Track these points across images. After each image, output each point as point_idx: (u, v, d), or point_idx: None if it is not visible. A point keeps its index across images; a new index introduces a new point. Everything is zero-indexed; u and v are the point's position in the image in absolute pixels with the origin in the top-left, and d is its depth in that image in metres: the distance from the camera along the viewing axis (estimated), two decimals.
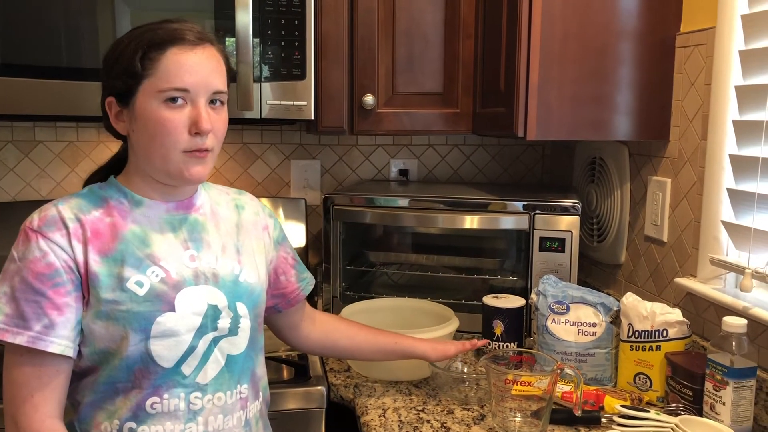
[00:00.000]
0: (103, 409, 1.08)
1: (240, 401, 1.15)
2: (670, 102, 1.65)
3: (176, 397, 1.09)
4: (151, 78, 1.05)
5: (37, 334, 1.02)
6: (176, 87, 1.06)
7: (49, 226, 1.05)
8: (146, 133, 1.07)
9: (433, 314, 1.74)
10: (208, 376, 1.11)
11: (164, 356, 1.07)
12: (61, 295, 1.03)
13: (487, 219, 1.80)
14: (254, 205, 1.30)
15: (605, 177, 1.94)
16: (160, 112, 1.06)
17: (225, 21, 1.73)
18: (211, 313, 1.11)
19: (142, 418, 1.07)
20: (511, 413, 1.33)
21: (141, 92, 1.06)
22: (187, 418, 1.09)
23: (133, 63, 1.05)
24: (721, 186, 1.46)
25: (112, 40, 1.78)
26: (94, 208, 1.10)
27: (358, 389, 1.56)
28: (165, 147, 1.07)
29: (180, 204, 1.16)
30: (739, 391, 1.25)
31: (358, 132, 1.92)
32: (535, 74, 1.58)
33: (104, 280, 1.05)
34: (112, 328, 1.05)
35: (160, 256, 1.10)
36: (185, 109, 1.07)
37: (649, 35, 1.61)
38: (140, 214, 1.12)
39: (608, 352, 1.55)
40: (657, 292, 1.71)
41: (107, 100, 1.10)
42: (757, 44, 1.36)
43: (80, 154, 2.13)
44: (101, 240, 1.07)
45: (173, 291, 1.08)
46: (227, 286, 1.14)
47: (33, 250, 1.04)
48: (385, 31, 1.87)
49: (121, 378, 1.07)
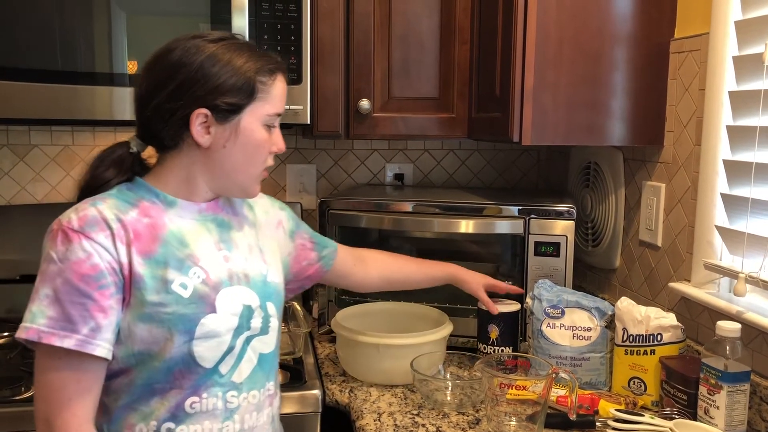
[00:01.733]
0: (138, 410, 1.08)
1: (268, 398, 1.19)
2: (664, 107, 1.65)
3: (214, 396, 1.10)
4: (261, 102, 1.11)
5: (84, 337, 1.00)
6: (278, 113, 1.14)
7: (92, 226, 1.03)
8: (243, 152, 1.12)
9: (428, 318, 1.74)
10: (242, 374, 1.13)
11: (206, 357, 1.08)
12: (106, 298, 1.02)
13: (482, 223, 1.80)
14: (263, 203, 1.32)
15: (600, 182, 1.95)
16: (262, 134, 1.12)
17: (221, 25, 1.73)
18: (246, 313, 1.13)
19: (181, 418, 1.08)
20: (506, 417, 1.33)
21: (248, 112, 1.10)
22: (224, 417, 1.11)
23: (251, 83, 1.09)
24: (715, 191, 1.47)
25: (108, 44, 1.80)
26: (130, 208, 1.09)
27: (353, 393, 1.56)
28: (255, 165, 1.14)
29: (209, 205, 1.17)
30: (733, 395, 1.26)
31: (353, 136, 1.92)
32: (530, 79, 1.58)
33: (149, 282, 1.05)
34: (156, 330, 1.05)
35: (199, 257, 1.11)
36: (272, 131, 1.15)
37: (643, 41, 1.62)
38: (174, 215, 1.12)
39: (603, 357, 1.56)
40: (651, 297, 1.72)
41: (198, 111, 1.07)
42: (750, 50, 1.37)
43: (75, 158, 2.13)
44: (142, 241, 1.06)
45: (213, 292, 1.10)
46: (258, 286, 1.17)
47: (76, 251, 1.01)
48: (381, 36, 1.88)
49: (159, 379, 1.07)
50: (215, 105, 1.07)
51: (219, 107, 1.08)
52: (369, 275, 1.54)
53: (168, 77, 1.07)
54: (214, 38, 1.10)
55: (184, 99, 1.07)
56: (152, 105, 1.08)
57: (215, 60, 1.07)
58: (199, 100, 1.07)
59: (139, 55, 1.75)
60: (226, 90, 1.07)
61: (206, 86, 1.07)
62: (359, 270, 1.52)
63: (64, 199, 2.12)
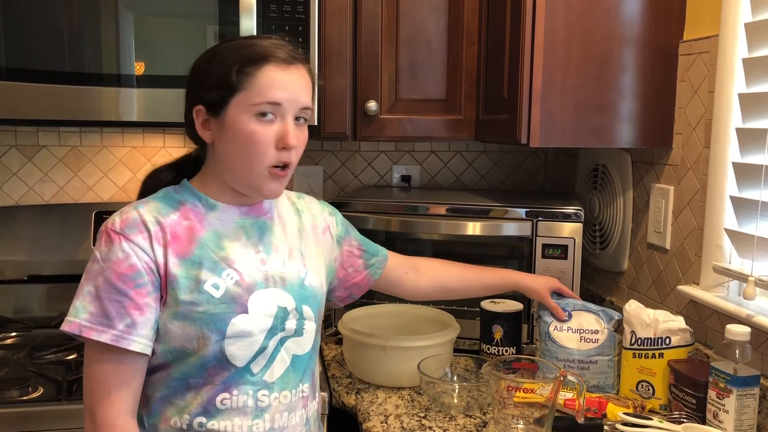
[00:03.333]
0: (174, 404, 1.11)
1: (302, 400, 1.19)
2: (673, 109, 1.65)
3: (245, 394, 1.12)
4: (245, 92, 1.09)
5: (120, 332, 1.05)
6: (268, 101, 1.09)
7: (131, 228, 1.09)
8: (234, 145, 1.11)
9: (434, 320, 1.73)
10: (274, 374, 1.14)
11: (238, 356, 1.11)
12: (143, 296, 1.07)
13: (489, 225, 1.80)
14: (313, 208, 1.33)
15: (608, 184, 1.94)
16: (250, 126, 1.10)
17: (229, 27, 1.73)
18: (281, 314, 1.15)
19: (212, 414, 1.11)
20: (513, 420, 1.33)
21: (233, 104, 1.10)
22: (254, 415, 1.13)
23: (229, 76, 1.09)
24: (724, 194, 1.46)
25: (116, 45, 1.81)
26: (172, 211, 1.13)
27: (360, 395, 1.56)
28: (251, 160, 1.11)
29: (251, 209, 1.19)
30: (743, 399, 1.25)
31: (361, 138, 1.92)
32: (539, 81, 1.58)
33: (182, 282, 1.09)
34: (189, 328, 1.09)
35: (234, 259, 1.13)
36: (274, 124, 1.11)
37: (652, 42, 1.61)
38: (214, 218, 1.16)
39: (611, 360, 1.55)
40: (660, 300, 1.71)
41: (196, 108, 1.13)
42: (760, 52, 1.36)
43: (83, 159, 2.13)
44: (180, 243, 1.11)
45: (246, 293, 1.12)
46: (294, 289, 1.18)
47: (116, 252, 1.07)
48: (389, 38, 1.88)
49: (193, 375, 1.11)
50: (206, 100, 1.11)
51: (208, 101, 1.11)
52: (421, 283, 1.50)
53: (189, 81, 1.16)
54: (232, 38, 1.14)
55: (190, 98, 1.15)
56: (185, 109, 1.16)
57: (210, 57, 1.13)
58: (197, 98, 1.13)
59: (146, 56, 1.75)
60: (211, 83, 1.11)
61: (200, 83, 1.13)
62: (411, 278, 1.49)
63: (72, 199, 2.13)
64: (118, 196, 2.16)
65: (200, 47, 1.78)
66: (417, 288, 1.50)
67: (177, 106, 1.77)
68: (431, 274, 1.51)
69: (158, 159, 2.17)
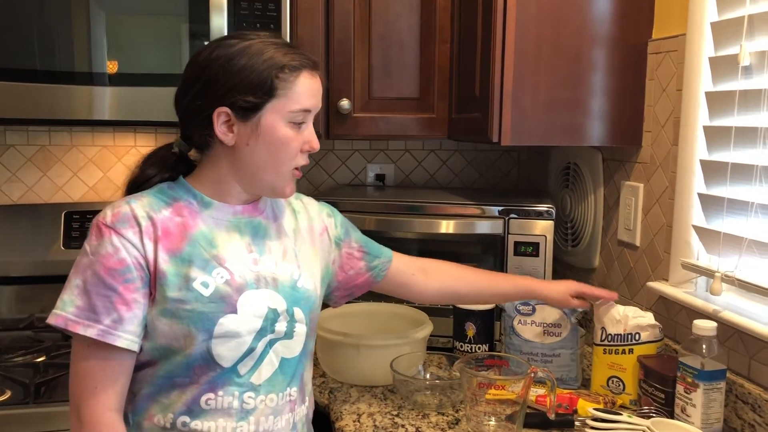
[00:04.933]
0: (159, 402, 1.10)
1: (289, 403, 1.17)
2: (642, 108, 1.66)
3: (230, 395, 1.11)
4: (283, 99, 1.09)
5: (106, 327, 1.05)
6: (304, 109, 1.12)
7: (123, 222, 1.08)
8: (267, 149, 1.11)
9: (408, 319, 1.74)
10: (262, 377, 1.13)
11: (225, 356, 1.09)
12: (131, 291, 1.06)
13: (462, 224, 1.81)
14: (311, 209, 1.31)
15: (579, 182, 1.95)
16: (286, 132, 1.11)
17: (200, 25, 1.73)
18: (271, 316, 1.13)
19: (196, 413, 1.10)
20: (485, 417, 1.34)
21: (269, 110, 1.09)
22: (239, 417, 1.11)
23: (266, 81, 1.08)
24: (692, 191, 1.48)
25: (87, 43, 1.78)
26: (165, 207, 1.12)
27: (333, 394, 1.56)
28: (282, 164, 1.12)
29: (246, 208, 1.18)
30: (710, 393, 1.27)
31: (334, 136, 1.92)
32: (510, 79, 1.59)
33: (171, 279, 1.07)
34: (176, 326, 1.07)
35: (226, 258, 1.12)
36: (303, 129, 1.13)
37: (621, 41, 1.63)
38: (208, 216, 1.14)
39: (574, 353, 1.57)
40: (630, 296, 1.73)
41: (219, 110, 1.09)
42: (726, 51, 1.38)
43: (52, 158, 2.10)
44: (171, 239, 1.09)
45: (236, 293, 1.11)
46: (286, 290, 1.16)
47: (106, 246, 1.06)
48: (361, 36, 1.88)
49: (179, 373, 1.09)
50: (235, 103, 1.09)
51: (239, 105, 1.09)
52: (429, 287, 1.44)
53: (195, 77, 1.11)
54: (245, 37, 1.11)
55: (208, 98, 1.09)
56: (183, 105, 1.13)
57: (237, 58, 1.09)
58: (221, 99, 1.09)
59: (118, 54, 1.74)
60: (245, 88, 1.08)
61: (227, 85, 1.08)
62: (419, 281, 1.43)
63: (41, 199, 2.10)
64: (89, 196, 2.13)
65: (173, 45, 1.79)
66: (425, 291, 1.45)
67: (150, 104, 1.79)
68: (440, 278, 1.45)
69: (129, 158, 2.15)
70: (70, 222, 2.01)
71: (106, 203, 2.02)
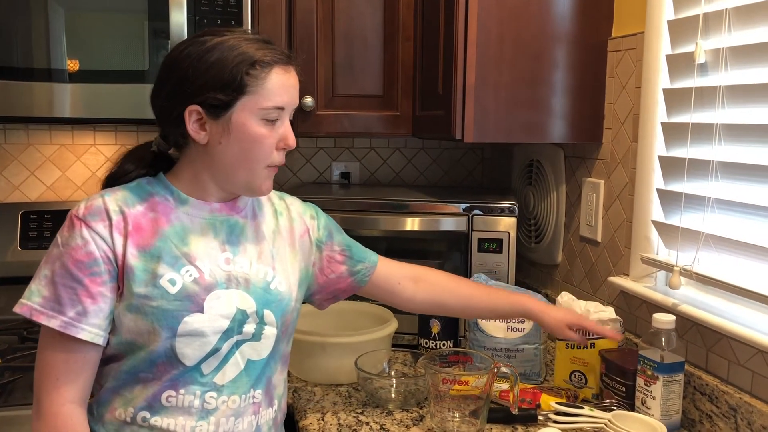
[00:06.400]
0: (122, 395, 1.10)
1: (252, 405, 1.15)
2: (602, 105, 1.69)
3: (192, 394, 1.10)
4: (253, 95, 1.08)
5: (69, 319, 1.04)
6: (277, 106, 1.09)
7: (94, 215, 1.07)
8: (239, 147, 1.09)
9: (374, 316, 1.73)
10: (226, 377, 1.12)
11: (188, 355, 1.08)
12: (97, 285, 1.06)
13: (427, 221, 1.81)
14: (293, 210, 1.28)
15: (542, 179, 1.97)
16: (259, 129, 1.09)
17: (159, 22, 1.71)
18: (239, 317, 1.12)
19: (156, 410, 1.09)
20: (449, 413, 1.34)
21: (240, 107, 1.08)
22: (199, 416, 1.10)
23: (235, 78, 1.06)
24: (651, 187, 1.50)
25: (46, 40, 1.75)
26: (139, 202, 1.11)
27: (297, 394, 1.55)
28: (256, 161, 1.11)
29: (223, 206, 1.17)
30: (668, 386, 1.29)
31: (297, 134, 1.88)
32: (472, 77, 1.60)
33: (139, 274, 1.07)
34: (141, 322, 1.07)
35: (196, 256, 1.11)
36: (277, 126, 1.11)
37: (582, 40, 1.65)
38: (183, 213, 1.13)
39: (537, 348, 1.58)
40: (592, 291, 1.75)
41: (190, 108, 1.08)
42: (682, 49, 1.41)
43: (8, 157, 2.05)
44: (141, 234, 1.09)
45: (204, 292, 1.10)
46: (258, 292, 1.14)
47: (76, 238, 1.06)
48: (324, 33, 1.87)
49: (143, 369, 1.09)
50: (206, 101, 1.07)
51: (209, 103, 1.07)
52: (417, 297, 1.38)
53: (167, 76, 1.10)
54: (219, 34, 1.10)
55: (179, 96, 1.09)
56: (158, 104, 1.13)
57: (207, 55, 1.07)
58: (191, 97, 1.08)
59: (78, 50, 1.71)
60: (214, 85, 1.07)
61: (197, 83, 1.07)
62: (406, 290, 1.37)
63: None
64: (47, 195, 2.09)
65: (134, 42, 1.76)
66: (413, 301, 1.38)
67: (111, 101, 1.76)
68: (429, 288, 1.39)
69: (88, 156, 2.11)
70: (28, 222, 1.97)
71: (65, 203, 2.02)
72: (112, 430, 1.10)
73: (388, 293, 1.38)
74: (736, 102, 1.27)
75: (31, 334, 1.80)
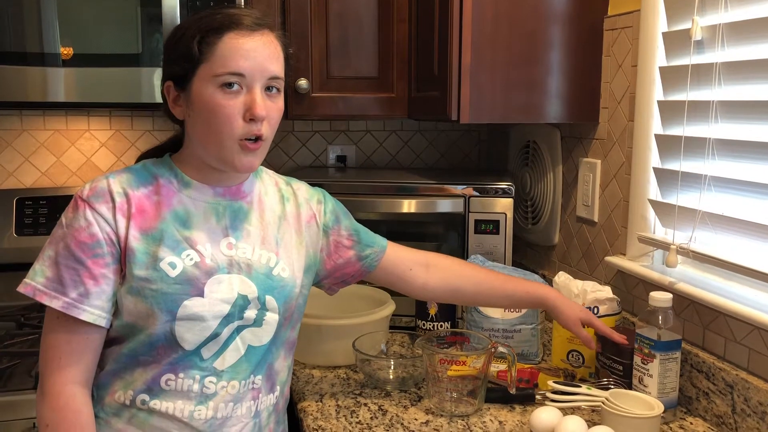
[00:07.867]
0: (122, 378, 1.10)
1: (252, 391, 1.15)
2: (599, 84, 1.68)
3: (191, 378, 1.10)
4: (207, 63, 1.06)
5: (72, 300, 1.05)
6: (231, 71, 1.06)
7: (97, 197, 1.08)
8: (201, 119, 1.08)
9: (371, 298, 1.73)
10: (226, 362, 1.11)
11: (187, 339, 1.08)
12: (100, 266, 1.06)
13: (424, 203, 1.81)
14: (300, 195, 1.27)
15: (538, 160, 1.97)
16: (215, 98, 1.06)
17: (151, 7, 1.70)
18: (240, 302, 1.12)
19: (155, 393, 1.09)
20: (447, 393, 1.34)
21: (197, 77, 1.07)
22: (198, 401, 1.10)
23: (191, 47, 1.06)
24: (648, 165, 1.50)
25: (38, 23, 1.73)
26: (143, 184, 1.11)
27: (295, 376, 1.55)
28: (220, 133, 1.07)
29: (227, 190, 1.16)
30: (665, 363, 1.29)
31: (292, 117, 1.90)
32: (467, 58, 1.59)
33: (140, 257, 1.07)
34: (140, 305, 1.07)
35: (198, 240, 1.11)
36: (240, 95, 1.07)
37: (577, 19, 1.64)
38: (186, 196, 1.13)
39: (534, 328, 1.59)
40: (589, 272, 1.75)
41: (166, 84, 1.11)
42: (678, 26, 1.40)
43: (2, 143, 2.04)
44: (144, 217, 1.09)
45: (205, 276, 1.09)
46: (259, 278, 1.14)
47: (79, 219, 1.06)
48: (318, 14, 1.85)
49: (143, 352, 1.09)
50: (174, 75, 1.10)
51: (175, 76, 1.09)
52: (430, 283, 1.35)
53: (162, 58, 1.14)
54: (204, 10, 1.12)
55: (162, 75, 1.13)
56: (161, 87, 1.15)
57: (176, 31, 1.11)
58: (165, 74, 1.12)
59: (71, 34, 1.70)
60: (174, 58, 1.09)
61: (167, 59, 1.11)
62: (418, 276, 1.35)
63: None
64: (42, 182, 2.08)
65: (127, 26, 1.75)
66: (425, 288, 1.36)
67: (105, 85, 1.75)
68: (443, 274, 1.36)
69: (83, 142, 2.10)
70: (23, 208, 1.96)
71: (60, 189, 2.01)
72: (111, 412, 1.11)
73: (399, 279, 1.35)
74: (733, 79, 1.26)
75: (29, 320, 1.80)
